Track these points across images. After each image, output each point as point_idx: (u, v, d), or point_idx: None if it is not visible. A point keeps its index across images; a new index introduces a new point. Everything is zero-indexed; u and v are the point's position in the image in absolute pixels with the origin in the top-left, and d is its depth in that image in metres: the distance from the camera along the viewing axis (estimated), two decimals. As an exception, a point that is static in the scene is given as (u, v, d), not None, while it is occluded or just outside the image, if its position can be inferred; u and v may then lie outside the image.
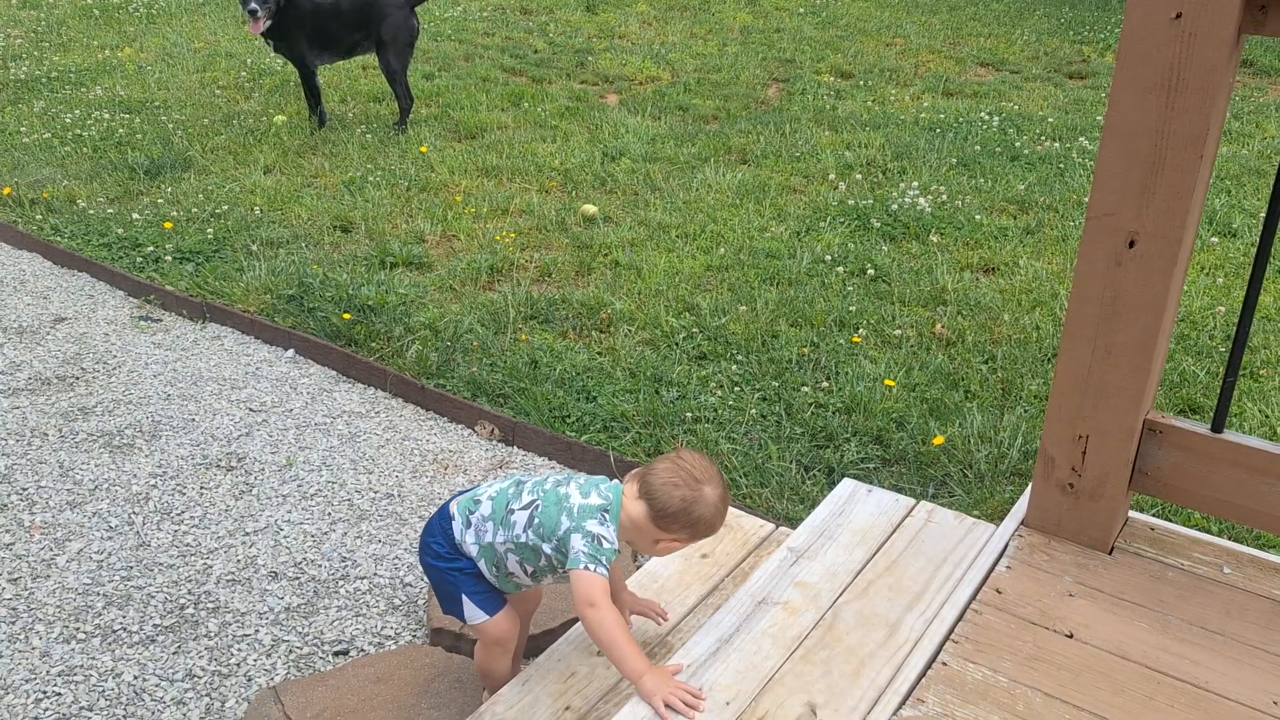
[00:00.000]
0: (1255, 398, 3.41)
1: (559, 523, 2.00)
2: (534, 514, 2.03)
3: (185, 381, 3.72)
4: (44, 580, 2.72)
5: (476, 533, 2.08)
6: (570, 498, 2.03)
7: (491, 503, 2.09)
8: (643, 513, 1.99)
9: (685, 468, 1.99)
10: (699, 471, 1.99)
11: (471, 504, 2.11)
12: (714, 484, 2.00)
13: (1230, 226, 4.81)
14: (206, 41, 8.03)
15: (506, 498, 2.08)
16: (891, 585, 2.09)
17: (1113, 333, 1.94)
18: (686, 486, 1.97)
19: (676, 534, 2.01)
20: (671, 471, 1.99)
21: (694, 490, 1.97)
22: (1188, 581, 2.05)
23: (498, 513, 2.07)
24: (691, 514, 1.98)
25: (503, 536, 2.05)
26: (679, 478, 1.98)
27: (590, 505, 2.01)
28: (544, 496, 2.05)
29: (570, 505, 2.01)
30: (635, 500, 2.00)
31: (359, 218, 4.94)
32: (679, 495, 1.97)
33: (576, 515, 1.99)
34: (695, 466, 2.00)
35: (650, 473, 2.01)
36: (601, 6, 9.52)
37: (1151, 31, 1.74)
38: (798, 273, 4.39)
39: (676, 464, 2.00)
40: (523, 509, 2.05)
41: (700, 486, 1.98)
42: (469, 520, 2.09)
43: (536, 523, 2.02)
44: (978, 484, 3.05)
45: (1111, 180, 1.85)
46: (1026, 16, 9.34)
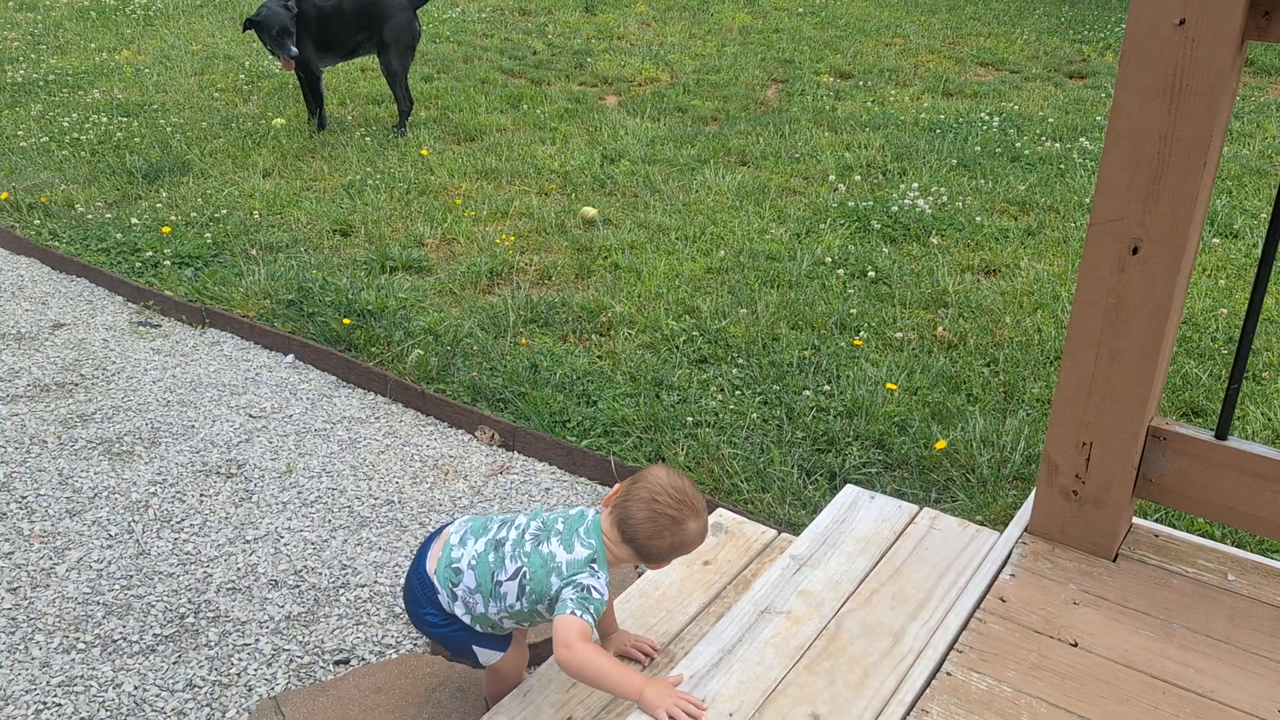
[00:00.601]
0: (1258, 400, 3.40)
1: (550, 584, 1.98)
2: (523, 582, 2.00)
3: (184, 388, 3.71)
4: (43, 589, 2.70)
5: (466, 605, 2.06)
6: (555, 557, 1.99)
7: (474, 573, 2.04)
8: (629, 555, 2.00)
9: (664, 511, 1.96)
10: (676, 510, 1.96)
11: (452, 575, 2.06)
12: (695, 514, 1.99)
13: (1232, 227, 4.80)
14: (204, 43, 8.01)
15: (489, 568, 2.03)
16: (895, 594, 2.08)
17: (1116, 338, 1.93)
18: (671, 534, 1.97)
19: (667, 562, 2.06)
20: (652, 522, 1.96)
21: (678, 534, 1.97)
22: (1192, 589, 2.04)
23: (484, 585, 2.03)
24: (681, 550, 2.01)
25: (495, 608, 2.04)
26: (660, 527, 1.96)
27: (577, 560, 1.98)
28: (529, 562, 2.00)
29: (558, 564, 1.98)
30: (620, 545, 1.99)
31: (358, 221, 4.93)
32: (666, 543, 1.98)
33: (566, 573, 1.98)
34: (670, 506, 1.96)
35: (630, 521, 1.97)
36: (600, 7, 9.51)
37: (1155, 37, 1.72)
38: (798, 275, 4.38)
39: (654, 510, 1.96)
40: (511, 579, 2.01)
41: (683, 526, 1.97)
42: (454, 593, 2.06)
43: (528, 590, 2.00)
44: (980, 489, 3.04)
45: (1115, 186, 1.84)
46: (1026, 16, 9.33)
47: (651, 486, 1.97)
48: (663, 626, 2.33)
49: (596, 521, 2.02)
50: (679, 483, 1.99)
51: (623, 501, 1.99)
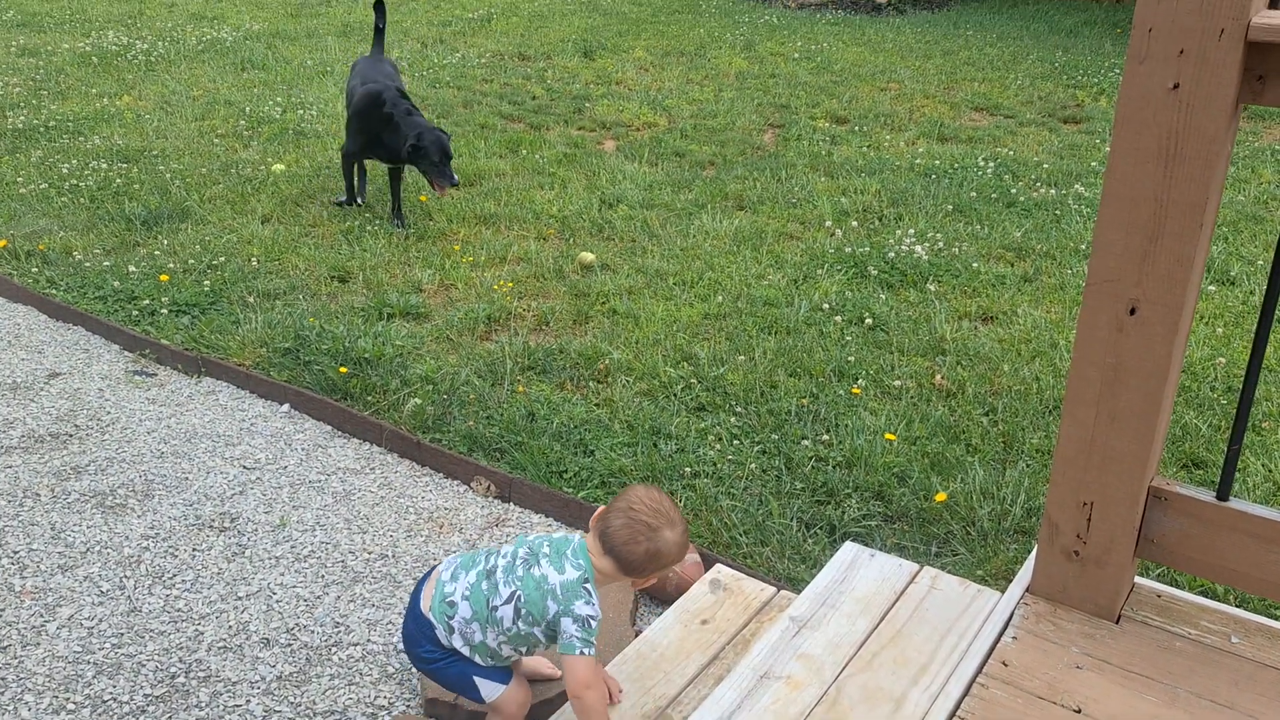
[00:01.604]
0: (1259, 452, 3.38)
1: (546, 607, 2.06)
2: (519, 605, 2.06)
3: (179, 438, 3.69)
4: (34, 648, 2.67)
5: (463, 636, 2.11)
6: (548, 579, 2.07)
7: (468, 603, 2.10)
8: (611, 567, 2.08)
9: (639, 519, 2.06)
10: (652, 518, 2.07)
11: (446, 608, 2.12)
12: (671, 524, 2.08)
13: (1228, 275, 4.81)
14: (206, 89, 8.07)
15: (483, 595, 2.09)
16: (896, 657, 2.06)
17: (1116, 399, 1.92)
18: (646, 540, 2.05)
19: (648, 576, 2.13)
20: (628, 529, 2.06)
21: (653, 541, 2.06)
22: (1196, 651, 2.01)
23: (480, 613, 2.10)
24: (658, 561, 2.08)
25: (494, 634, 2.09)
26: (636, 534, 2.05)
27: (570, 581, 2.06)
28: (522, 585, 2.08)
29: (552, 586, 2.05)
30: (602, 557, 2.08)
31: (356, 267, 4.93)
32: (641, 551, 2.06)
33: (562, 597, 2.04)
34: (646, 514, 2.07)
35: (608, 530, 2.07)
36: (599, 53, 9.59)
37: (1149, 101, 1.73)
38: (795, 321, 4.38)
39: (629, 519, 2.07)
40: (506, 603, 2.07)
41: (658, 534, 2.06)
42: (450, 626, 2.11)
43: (524, 612, 2.07)
44: (981, 542, 3.02)
45: (1111, 247, 1.84)
46: (1020, 61, 9.42)
47: (630, 499, 2.10)
48: (661, 689, 2.30)
49: (583, 543, 2.12)
50: (656, 496, 2.11)
51: (604, 514, 2.11)
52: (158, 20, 10.63)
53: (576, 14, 11.43)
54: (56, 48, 9.26)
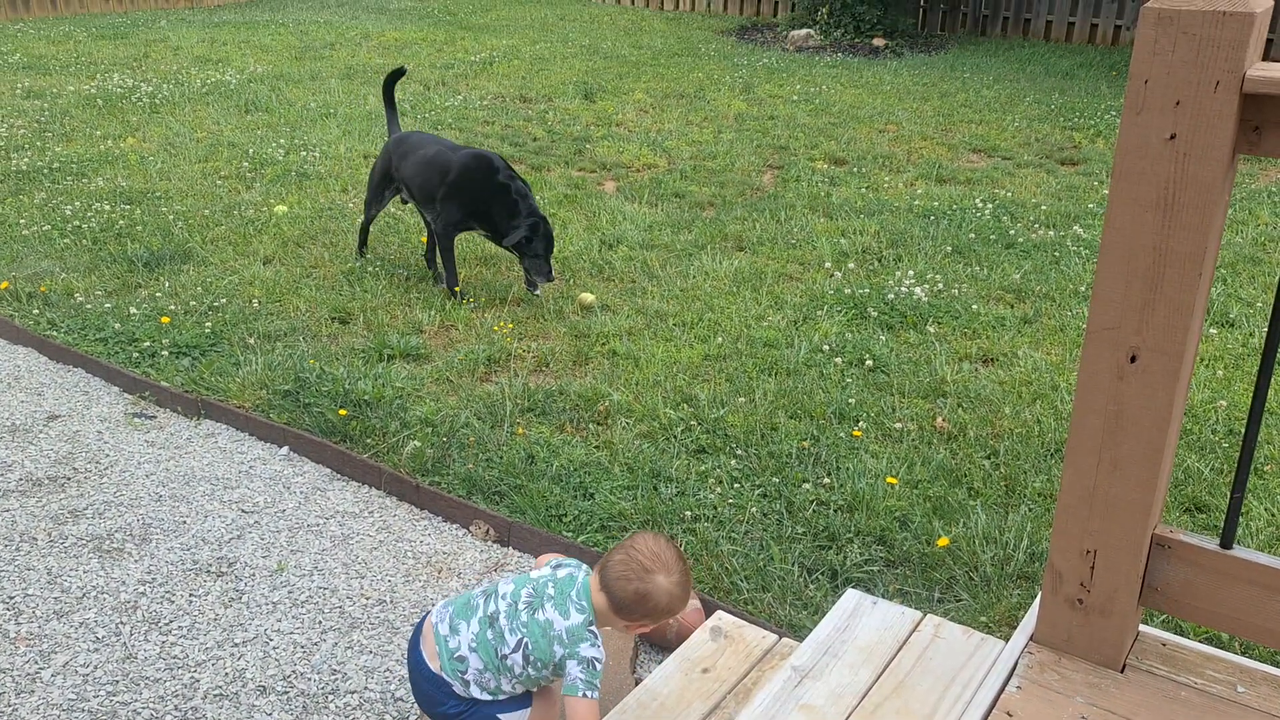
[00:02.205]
0: (1261, 496, 3.37)
1: (553, 652, 2.10)
2: (527, 653, 2.10)
3: (177, 481, 3.68)
4: (28, 695, 2.64)
5: (480, 685, 2.14)
6: (554, 625, 2.10)
7: (478, 655, 2.13)
8: (605, 604, 2.11)
9: (636, 559, 2.08)
10: (649, 560, 2.08)
11: (457, 664, 2.16)
12: (666, 570, 2.09)
13: (1228, 317, 4.82)
14: (209, 130, 8.14)
15: (490, 645, 2.14)
16: (899, 708, 2.03)
17: (1117, 446, 1.91)
18: (638, 580, 2.07)
19: (639, 621, 2.13)
20: (623, 565, 2.09)
21: (645, 582, 2.07)
22: (1202, 701, 1.99)
23: (491, 663, 2.14)
24: (646, 604, 2.09)
25: (508, 680, 2.14)
26: (630, 571, 2.08)
27: (575, 626, 2.10)
28: (528, 632, 2.12)
29: (558, 632, 2.08)
30: (598, 593, 2.11)
31: (357, 309, 4.94)
32: (632, 589, 2.07)
33: (568, 641, 2.07)
34: (645, 555, 2.09)
35: (606, 565, 2.11)
36: (599, 95, 9.68)
37: (1146, 152, 1.74)
38: (796, 363, 4.38)
39: (628, 555, 2.10)
40: (515, 651, 2.10)
41: (651, 577, 2.07)
42: (465, 680, 2.17)
43: (533, 659, 2.12)
44: (984, 588, 2.99)
45: (1111, 295, 1.84)
46: (1017, 103, 9.50)
47: (635, 541, 2.14)
48: (661, 738, 2.27)
49: (586, 583, 2.14)
50: (661, 545, 2.13)
51: (610, 552, 2.15)
52: (162, 63, 10.74)
53: (577, 57, 11.55)
54: (62, 90, 9.34)
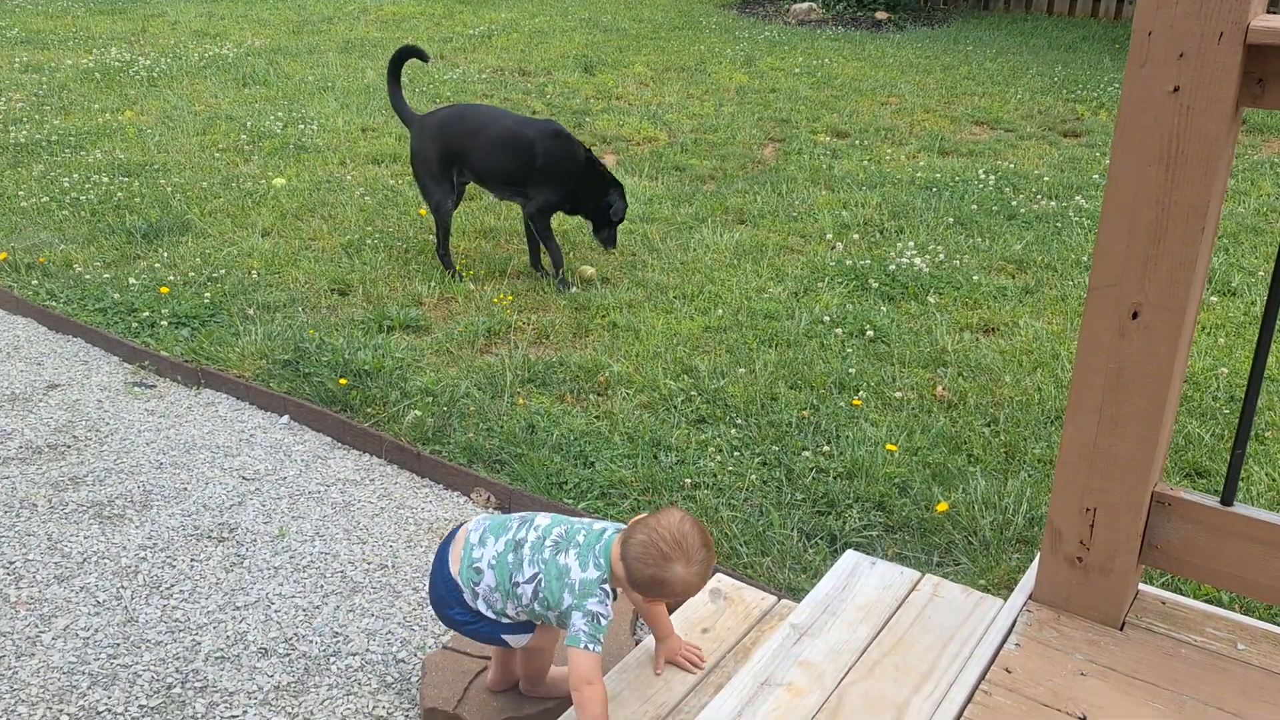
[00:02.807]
0: (1262, 461, 3.37)
1: (561, 598, 2.11)
2: (538, 588, 2.13)
3: (178, 449, 3.68)
4: (28, 659, 2.65)
5: (487, 603, 2.19)
6: (570, 571, 2.11)
7: (493, 573, 2.17)
8: (622, 573, 2.10)
9: (657, 543, 2.05)
10: (670, 547, 2.04)
11: (473, 574, 2.19)
12: (686, 560, 2.05)
13: (1230, 285, 4.81)
14: (207, 104, 8.10)
15: (508, 568, 2.16)
16: (898, 664, 2.04)
17: (1118, 404, 1.91)
18: (655, 566, 2.05)
19: (652, 598, 2.14)
20: (643, 547, 2.06)
21: (662, 570, 2.05)
22: (1202, 659, 2.00)
23: (503, 584, 2.16)
24: (661, 589, 2.08)
25: (513, 607, 2.18)
26: (649, 555, 2.05)
27: (589, 580, 2.10)
28: (545, 569, 2.13)
29: (571, 581, 2.10)
30: (618, 562, 2.10)
31: (356, 280, 4.93)
32: (648, 573, 2.06)
33: (578, 592, 2.10)
34: (667, 541, 2.05)
35: (629, 541, 2.08)
36: (599, 68, 9.62)
37: (1150, 105, 1.73)
38: (796, 334, 4.37)
39: (650, 537, 2.06)
40: (527, 582, 2.14)
41: (669, 565, 2.04)
42: (476, 592, 2.19)
43: (541, 596, 2.13)
44: (983, 552, 3.00)
45: (1113, 252, 1.83)
46: (1020, 75, 9.44)
47: (661, 520, 2.09)
48: (661, 697, 2.28)
49: (609, 544, 2.13)
50: (686, 529, 2.07)
51: (634, 525, 2.12)
52: (160, 37, 10.67)
53: (577, 30, 11.47)
54: (60, 64, 9.29)
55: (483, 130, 4.84)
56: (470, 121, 4.89)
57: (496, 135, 4.81)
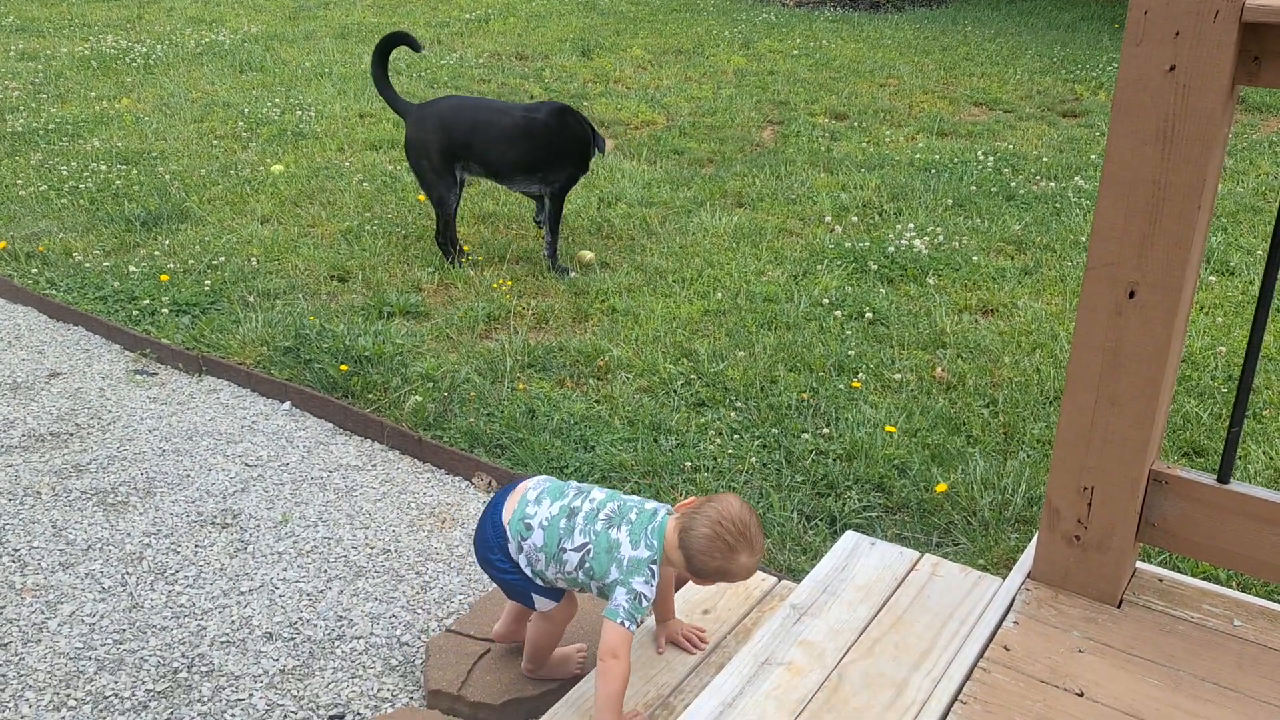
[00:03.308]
0: (1260, 440, 3.38)
1: (608, 571, 2.13)
2: (585, 558, 2.16)
3: (180, 436, 3.69)
4: (34, 645, 2.67)
5: (529, 559, 2.22)
6: (620, 547, 2.14)
7: (544, 533, 2.20)
8: (682, 562, 2.12)
9: (723, 535, 2.08)
10: (735, 539, 2.08)
11: (524, 529, 2.22)
12: (750, 550, 2.10)
13: (1228, 265, 4.81)
14: (204, 91, 8.08)
15: (558, 533, 2.19)
16: (897, 643, 2.06)
17: (1116, 382, 1.92)
18: (723, 557, 2.08)
19: (708, 582, 2.18)
20: (708, 540, 2.08)
21: (729, 562, 2.09)
22: (1198, 635, 2.01)
23: (549, 547, 2.19)
24: (725, 576, 2.13)
25: (554, 570, 2.21)
26: (716, 548, 2.08)
27: (639, 559, 2.12)
28: (596, 541, 2.16)
29: (620, 557, 2.13)
30: (676, 550, 2.12)
31: (356, 267, 4.93)
32: (715, 565, 2.09)
33: (626, 570, 2.12)
34: (731, 532, 2.08)
35: (691, 532, 2.10)
36: (597, 52, 9.60)
37: (1146, 84, 1.73)
38: (795, 317, 4.38)
39: (715, 530, 2.08)
40: (575, 550, 2.17)
41: (734, 555, 2.08)
42: (521, 546, 2.23)
43: (588, 566, 2.16)
44: (982, 532, 3.01)
45: (1110, 230, 1.84)
46: (1019, 56, 9.42)
47: (721, 510, 2.10)
48: (663, 677, 2.30)
49: (664, 524, 2.15)
50: (746, 517, 2.11)
51: (692, 513, 2.12)
52: (156, 24, 10.64)
53: (574, 14, 11.44)
54: (55, 52, 9.27)
55: (493, 123, 4.76)
56: (475, 115, 4.80)
57: (509, 126, 4.73)
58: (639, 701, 2.21)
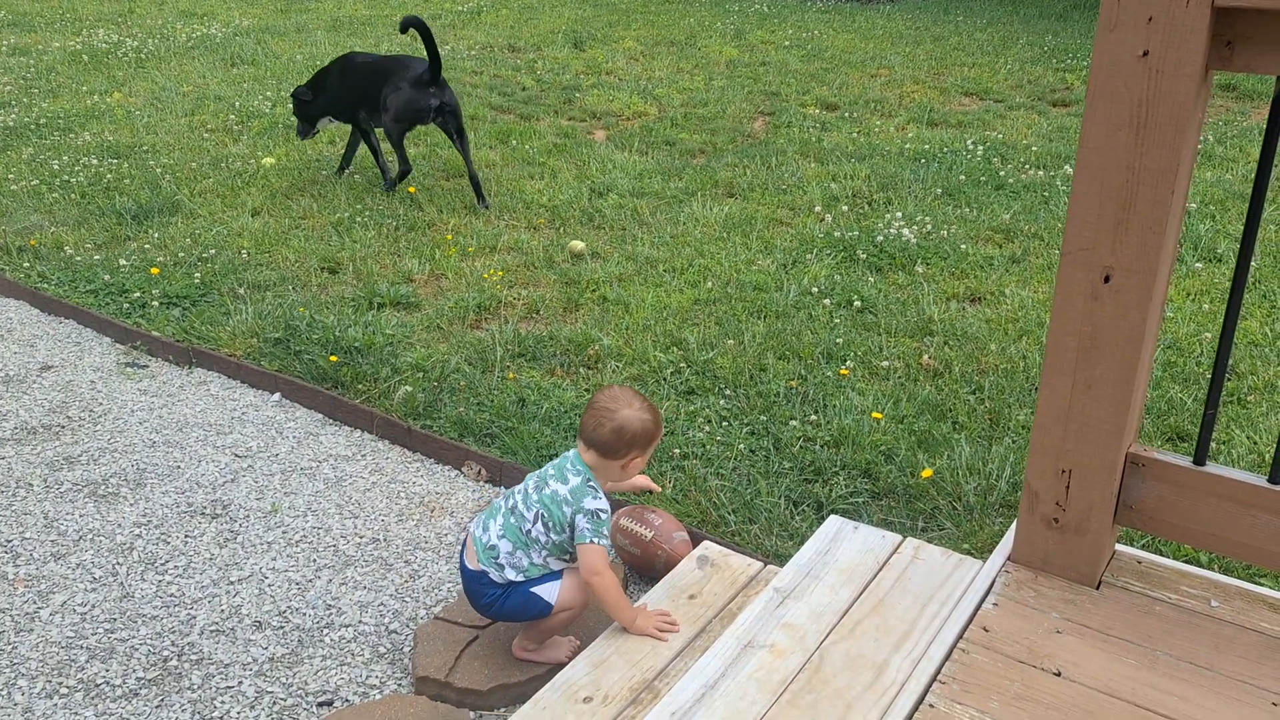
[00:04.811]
0: (1244, 424, 3.41)
1: (563, 513, 2.33)
2: (545, 521, 2.34)
3: (171, 428, 3.71)
4: (27, 634, 2.69)
5: (514, 567, 2.36)
6: (559, 492, 2.34)
7: (506, 540, 2.37)
8: (595, 458, 2.35)
9: (600, 407, 2.34)
10: (610, 403, 2.34)
11: (490, 553, 2.37)
12: (629, 404, 2.35)
13: (1215, 252, 4.83)
14: (195, 85, 8.07)
15: (514, 527, 2.37)
16: (878, 625, 2.08)
17: (1092, 367, 1.94)
18: (609, 420, 2.32)
19: (630, 455, 2.36)
20: (591, 417, 2.34)
21: (613, 419, 2.32)
22: (1176, 616, 2.04)
23: (519, 541, 2.36)
24: (625, 435, 2.32)
25: (537, 554, 2.37)
26: (598, 418, 2.33)
27: (576, 486, 2.34)
28: (541, 504, 2.35)
29: (563, 496, 2.33)
30: (586, 451, 2.36)
31: (346, 258, 4.95)
32: (607, 430, 2.32)
33: (572, 500, 2.32)
34: (606, 401, 2.35)
35: (582, 429, 2.37)
36: (589, 43, 9.60)
37: (1120, 69, 1.75)
38: (785, 305, 4.40)
39: (592, 410, 2.35)
40: (534, 524, 2.35)
41: (616, 413, 2.32)
42: (499, 565, 2.37)
43: (551, 524, 2.34)
44: (967, 516, 3.04)
45: (1085, 216, 1.86)
46: (1010, 45, 9.43)
47: (594, 399, 2.38)
48: (648, 662, 2.32)
49: (575, 453, 2.39)
50: (615, 390, 2.39)
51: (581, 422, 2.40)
52: (148, 18, 10.62)
53: (566, 5, 11.43)
54: (47, 46, 9.25)
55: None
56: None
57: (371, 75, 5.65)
58: (624, 686, 2.23)
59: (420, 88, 5.49)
